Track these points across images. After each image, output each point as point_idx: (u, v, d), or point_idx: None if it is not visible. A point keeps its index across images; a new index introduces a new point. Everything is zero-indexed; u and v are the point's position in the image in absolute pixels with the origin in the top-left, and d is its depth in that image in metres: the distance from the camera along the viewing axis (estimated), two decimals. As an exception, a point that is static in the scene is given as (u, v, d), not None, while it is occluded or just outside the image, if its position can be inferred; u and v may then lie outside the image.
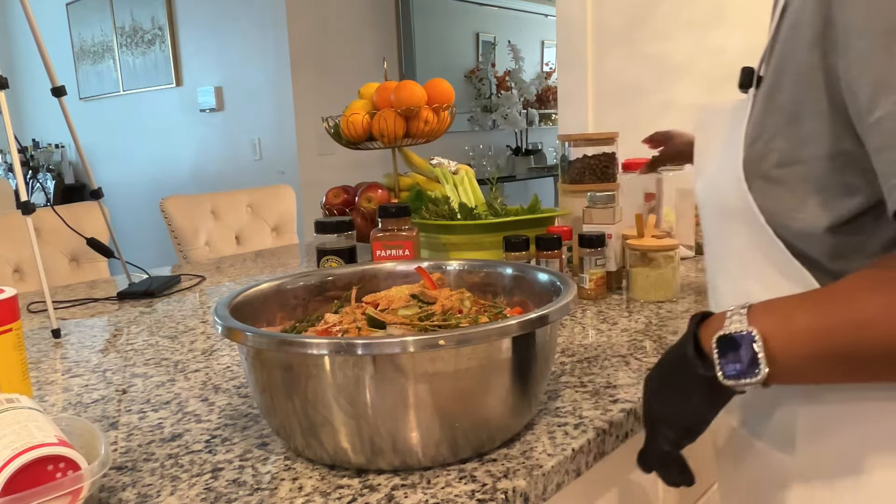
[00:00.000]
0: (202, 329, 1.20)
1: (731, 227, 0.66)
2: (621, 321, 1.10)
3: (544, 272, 0.82)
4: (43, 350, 1.13)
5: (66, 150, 5.50)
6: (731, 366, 0.55)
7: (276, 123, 3.88)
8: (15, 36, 5.55)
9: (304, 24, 3.76)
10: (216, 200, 2.34)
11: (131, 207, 4.70)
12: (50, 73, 1.39)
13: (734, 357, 0.54)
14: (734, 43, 2.16)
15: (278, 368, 0.64)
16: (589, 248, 1.21)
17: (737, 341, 0.54)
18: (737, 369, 0.54)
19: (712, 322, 0.58)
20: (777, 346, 0.53)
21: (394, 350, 0.59)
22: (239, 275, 1.69)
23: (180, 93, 4.43)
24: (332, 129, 1.71)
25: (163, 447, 0.73)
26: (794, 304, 0.55)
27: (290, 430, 0.67)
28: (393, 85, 1.64)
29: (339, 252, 1.24)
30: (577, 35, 2.45)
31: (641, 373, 0.87)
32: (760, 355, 0.53)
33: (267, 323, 0.79)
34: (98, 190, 1.50)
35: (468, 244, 1.32)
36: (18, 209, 1.24)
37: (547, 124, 5.55)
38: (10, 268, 1.81)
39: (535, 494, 0.63)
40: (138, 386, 0.93)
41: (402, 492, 0.61)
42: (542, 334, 0.69)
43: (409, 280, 0.86)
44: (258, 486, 0.64)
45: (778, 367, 0.53)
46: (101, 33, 4.91)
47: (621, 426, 0.75)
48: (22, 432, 0.57)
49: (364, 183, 1.74)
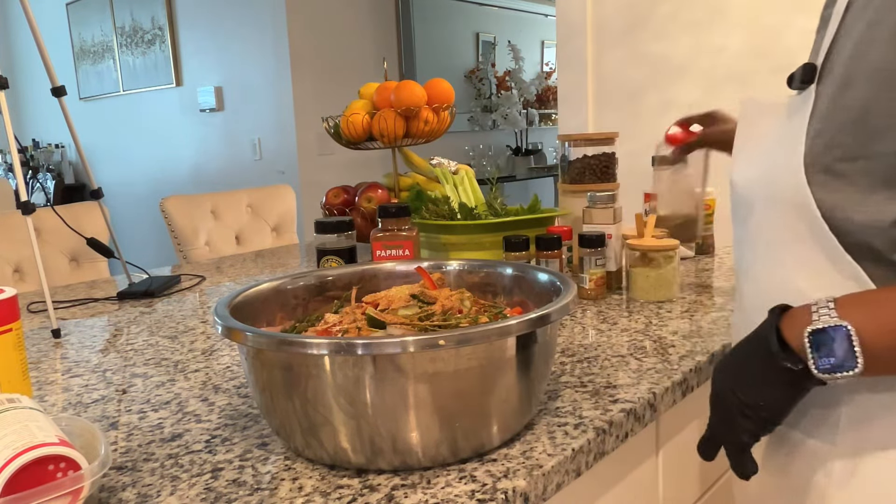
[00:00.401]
0: (202, 329, 1.20)
1: (779, 218, 0.66)
2: (621, 321, 1.10)
3: (544, 272, 0.82)
4: (43, 350, 1.13)
5: (66, 150, 5.50)
6: (825, 359, 0.56)
7: (276, 123, 3.88)
8: (15, 36, 5.55)
9: (304, 25, 3.76)
10: (216, 200, 2.34)
11: (131, 207, 4.70)
12: (50, 73, 1.39)
13: (828, 351, 0.56)
14: (734, 43, 2.16)
15: (278, 368, 0.65)
16: (589, 248, 1.21)
17: (830, 335, 0.56)
18: (832, 363, 0.56)
19: (796, 315, 0.59)
20: (868, 339, 0.55)
21: (394, 350, 0.59)
22: (239, 275, 1.69)
23: (180, 93, 4.43)
24: (332, 129, 1.71)
25: (163, 447, 0.73)
26: (883, 297, 0.57)
27: (290, 430, 0.67)
28: (393, 85, 1.64)
29: (339, 252, 1.24)
30: (577, 35, 2.45)
31: (641, 373, 0.87)
32: (857, 349, 0.55)
33: (267, 323, 0.79)
34: (98, 190, 1.50)
35: (468, 244, 1.32)
36: (18, 209, 1.24)
37: (547, 124, 5.55)
38: (10, 268, 1.81)
39: (535, 494, 0.63)
40: (138, 386, 0.93)
41: (402, 492, 0.61)
42: (542, 334, 0.69)
43: (409, 280, 0.86)
44: (258, 486, 0.64)
45: (872, 360, 0.55)
46: (101, 33, 4.91)
47: (621, 426, 0.75)
48: (23, 432, 0.57)
49: (364, 183, 1.74)
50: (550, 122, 5.55)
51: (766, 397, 0.62)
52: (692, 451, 0.76)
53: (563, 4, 2.49)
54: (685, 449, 0.97)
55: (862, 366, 0.55)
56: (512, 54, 5.19)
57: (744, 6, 2.13)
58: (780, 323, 0.61)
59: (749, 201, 0.72)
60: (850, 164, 0.59)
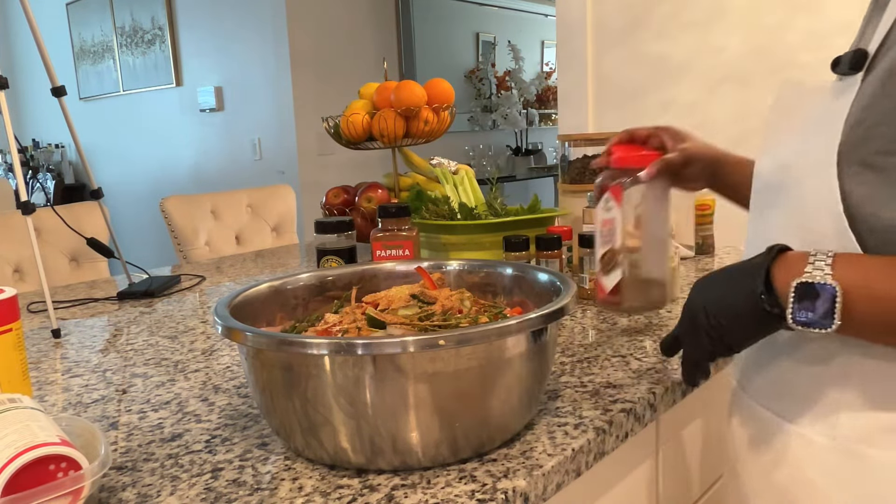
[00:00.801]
0: (202, 329, 1.20)
1: (801, 210, 0.64)
2: (621, 321, 1.10)
3: (544, 272, 0.82)
4: (43, 350, 1.13)
5: (66, 150, 5.50)
6: (804, 313, 0.56)
7: (276, 123, 3.88)
8: (15, 36, 5.55)
9: (304, 24, 3.76)
10: (216, 200, 2.34)
11: (131, 207, 4.70)
12: (50, 73, 1.39)
13: (810, 306, 0.56)
14: (734, 43, 2.16)
15: (278, 368, 0.65)
16: (589, 248, 1.21)
17: (817, 291, 0.56)
18: (808, 318, 0.56)
19: (791, 261, 0.59)
20: (851, 302, 0.55)
21: (394, 350, 0.59)
22: (239, 275, 1.69)
23: (180, 93, 4.43)
24: (332, 129, 1.71)
25: (163, 447, 0.73)
26: (882, 264, 0.56)
27: (290, 430, 0.67)
28: (393, 85, 1.64)
29: (339, 252, 1.24)
30: (577, 35, 2.45)
31: (641, 373, 0.87)
32: (838, 311, 0.55)
33: (267, 323, 0.79)
34: (98, 190, 1.50)
35: (468, 244, 1.32)
36: (18, 209, 1.24)
37: (547, 124, 5.55)
38: (10, 268, 1.81)
39: (535, 494, 0.63)
40: (138, 386, 0.93)
41: (402, 492, 0.61)
42: (542, 334, 0.69)
43: (409, 280, 0.86)
44: (258, 486, 0.64)
45: (849, 323, 0.55)
46: (101, 33, 4.91)
47: (621, 426, 0.75)
48: (24, 431, 0.57)
49: (364, 183, 1.74)
50: (550, 122, 5.55)
51: (734, 326, 0.63)
52: (692, 451, 0.76)
53: (563, 4, 2.49)
54: (685, 449, 0.98)
55: (836, 327, 0.55)
56: (512, 54, 5.19)
57: (744, 6, 2.13)
58: (772, 264, 0.60)
59: (775, 190, 0.68)
60: (887, 157, 0.57)
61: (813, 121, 0.65)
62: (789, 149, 0.67)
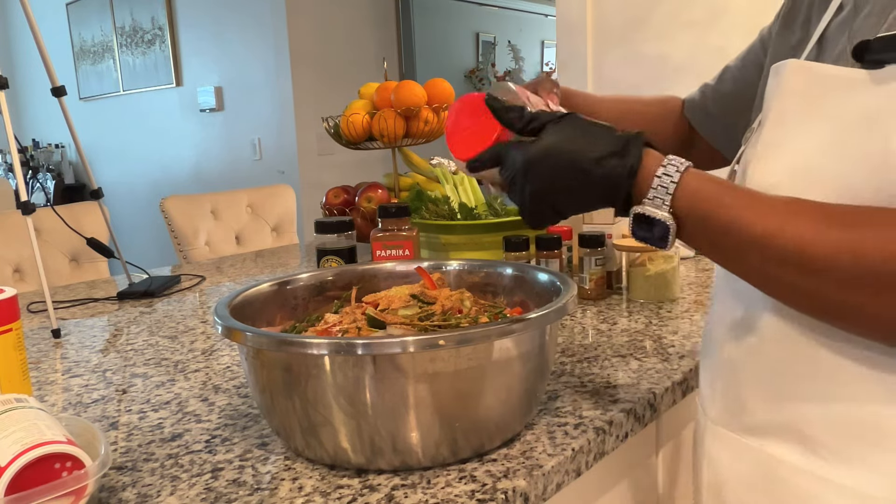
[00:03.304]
0: (202, 329, 1.20)
1: None
2: (621, 321, 1.10)
3: (544, 272, 0.82)
4: (43, 350, 1.13)
5: (66, 150, 5.50)
6: (640, 233, 0.60)
7: (276, 123, 3.88)
8: (15, 36, 5.55)
9: (304, 24, 3.75)
10: (216, 200, 2.34)
11: (131, 207, 4.70)
12: (50, 73, 1.39)
13: (647, 230, 0.59)
14: (734, 43, 2.16)
15: (278, 368, 0.65)
16: (589, 248, 1.21)
17: (653, 222, 0.58)
18: (644, 237, 0.60)
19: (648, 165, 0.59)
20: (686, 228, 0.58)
21: (394, 350, 0.59)
22: (239, 275, 1.69)
23: (180, 93, 4.43)
24: (332, 129, 1.71)
25: (163, 447, 0.73)
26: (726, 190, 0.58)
27: (290, 430, 0.67)
28: (393, 85, 1.64)
29: (339, 252, 1.24)
30: (577, 35, 2.45)
31: (641, 373, 0.87)
32: (671, 238, 0.58)
33: (267, 323, 0.79)
34: (98, 190, 1.50)
35: (468, 244, 1.32)
36: (18, 209, 1.24)
37: (547, 124, 5.55)
38: (10, 268, 1.81)
39: (535, 494, 0.63)
40: (138, 386, 0.93)
41: (402, 492, 0.61)
42: (542, 334, 0.69)
43: (409, 280, 0.86)
44: (258, 486, 0.64)
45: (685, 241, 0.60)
46: (101, 33, 4.91)
47: (621, 426, 0.75)
48: (31, 429, 0.58)
49: (364, 183, 1.74)
50: (550, 122, 5.54)
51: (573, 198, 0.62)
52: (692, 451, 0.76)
53: (563, 4, 2.49)
54: (685, 449, 0.98)
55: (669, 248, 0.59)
56: (512, 54, 5.19)
57: (744, 6, 2.13)
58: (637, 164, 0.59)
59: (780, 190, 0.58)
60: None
61: (850, 117, 0.55)
62: (819, 151, 0.57)
